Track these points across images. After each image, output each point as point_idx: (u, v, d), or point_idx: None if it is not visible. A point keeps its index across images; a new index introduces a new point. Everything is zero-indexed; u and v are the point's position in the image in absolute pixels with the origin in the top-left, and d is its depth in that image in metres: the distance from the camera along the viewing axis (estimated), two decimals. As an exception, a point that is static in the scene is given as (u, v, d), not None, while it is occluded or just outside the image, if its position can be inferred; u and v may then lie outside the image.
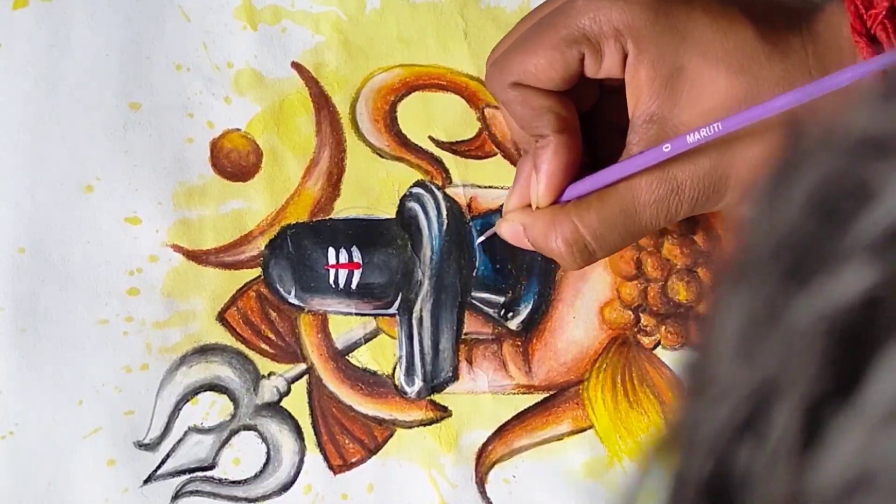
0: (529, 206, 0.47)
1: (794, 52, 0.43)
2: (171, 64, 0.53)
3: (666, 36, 0.42)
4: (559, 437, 0.52)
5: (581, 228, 0.44)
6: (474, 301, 0.52)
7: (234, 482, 0.52)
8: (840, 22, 0.43)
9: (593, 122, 0.48)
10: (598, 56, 0.43)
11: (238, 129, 0.53)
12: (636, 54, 0.43)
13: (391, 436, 0.52)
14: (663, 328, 0.52)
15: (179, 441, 0.52)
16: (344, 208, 0.53)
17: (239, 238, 0.53)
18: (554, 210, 0.45)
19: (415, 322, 0.52)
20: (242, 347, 0.53)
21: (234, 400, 0.53)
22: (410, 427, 0.52)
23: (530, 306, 0.52)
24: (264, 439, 0.52)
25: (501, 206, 0.52)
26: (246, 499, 0.52)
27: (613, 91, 0.46)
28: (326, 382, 0.52)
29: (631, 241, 0.46)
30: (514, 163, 0.52)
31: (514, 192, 0.48)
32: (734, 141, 0.42)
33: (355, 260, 0.52)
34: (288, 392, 0.52)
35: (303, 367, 0.53)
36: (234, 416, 0.53)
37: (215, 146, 0.53)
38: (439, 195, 0.53)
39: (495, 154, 0.53)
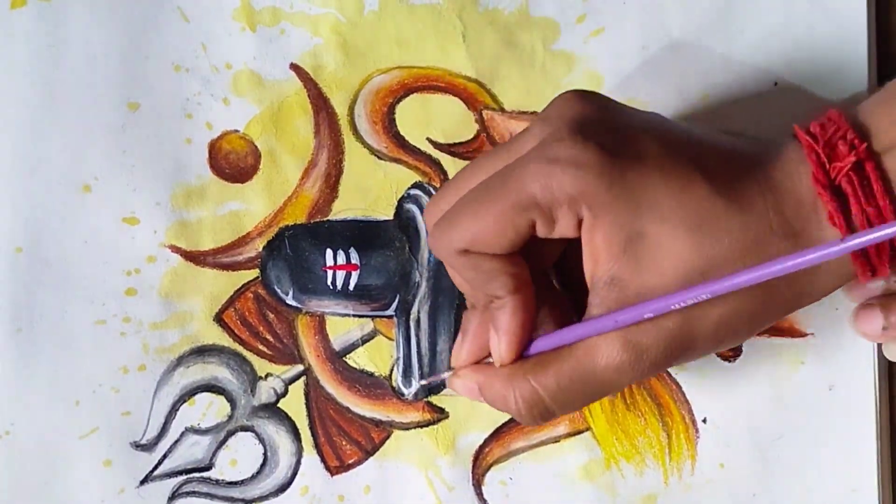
0: (480, 362, 0.45)
1: (753, 204, 0.41)
2: (169, 64, 0.53)
3: (621, 201, 0.40)
4: (556, 440, 0.52)
5: (539, 391, 0.42)
6: (472, 303, 0.52)
7: (230, 483, 0.52)
8: (800, 171, 0.41)
9: (562, 269, 0.46)
10: (551, 222, 0.41)
11: (236, 131, 0.53)
12: (592, 220, 0.41)
13: (388, 437, 0.52)
14: (661, 330, 0.52)
15: (176, 442, 0.52)
16: (342, 210, 0.53)
17: (237, 239, 0.53)
18: (511, 371, 0.43)
19: (412, 324, 0.52)
20: (240, 348, 0.53)
21: (231, 401, 0.53)
22: (408, 429, 0.52)
23: (528, 308, 0.52)
24: (261, 440, 0.52)
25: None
26: (243, 500, 0.52)
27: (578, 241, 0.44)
28: (324, 384, 0.52)
29: (594, 399, 0.43)
30: (512, 165, 0.52)
31: (465, 348, 0.45)
32: (696, 309, 0.40)
33: (353, 261, 0.52)
34: (285, 393, 0.52)
35: (300, 368, 0.53)
36: (231, 417, 0.53)
37: (214, 147, 0.53)
38: (437, 197, 0.53)
39: (493, 156, 0.53)
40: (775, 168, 0.42)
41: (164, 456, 0.52)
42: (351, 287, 0.52)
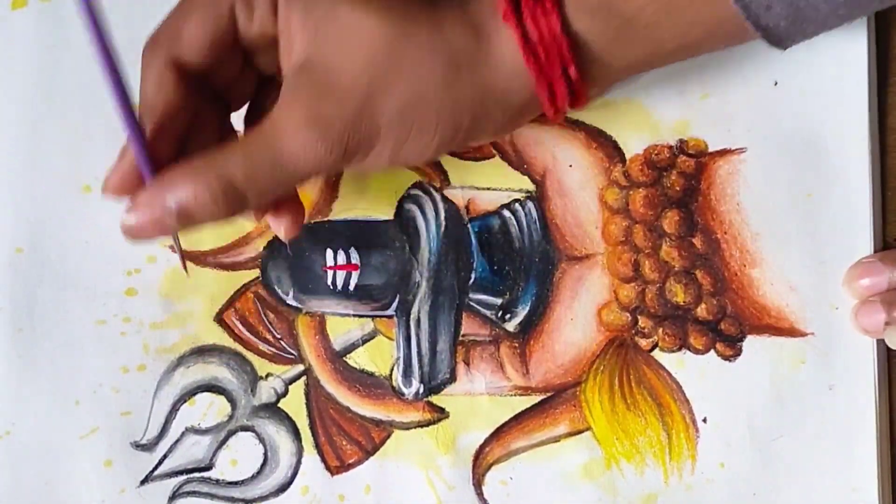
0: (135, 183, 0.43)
1: (439, 1, 0.43)
2: (170, 65, 0.53)
3: None
4: (556, 439, 0.52)
5: (229, 174, 0.41)
6: (472, 303, 0.52)
7: (231, 483, 0.52)
8: None
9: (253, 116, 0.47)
10: (250, 8, 0.43)
11: (237, 131, 0.53)
12: (286, 3, 0.42)
13: (389, 437, 0.52)
14: (661, 330, 0.52)
15: (177, 442, 0.52)
16: (342, 210, 0.53)
17: (237, 239, 0.53)
18: (195, 164, 0.41)
19: (412, 323, 0.52)
20: (240, 348, 0.53)
21: (231, 401, 0.53)
22: (408, 428, 0.52)
23: (528, 308, 0.52)
24: (262, 440, 0.52)
25: (500, 207, 0.52)
26: (243, 499, 0.52)
27: (267, 82, 0.46)
28: (324, 384, 0.52)
29: (289, 184, 0.43)
30: (512, 165, 0.52)
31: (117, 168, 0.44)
32: (382, 85, 0.41)
33: (353, 261, 0.52)
34: (285, 393, 0.52)
35: (300, 368, 0.53)
36: (231, 417, 0.53)
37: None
38: (437, 197, 0.53)
39: (493, 156, 0.53)
40: None
41: (165, 456, 0.52)
42: (351, 287, 0.52)
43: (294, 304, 0.53)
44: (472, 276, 0.52)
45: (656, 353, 0.52)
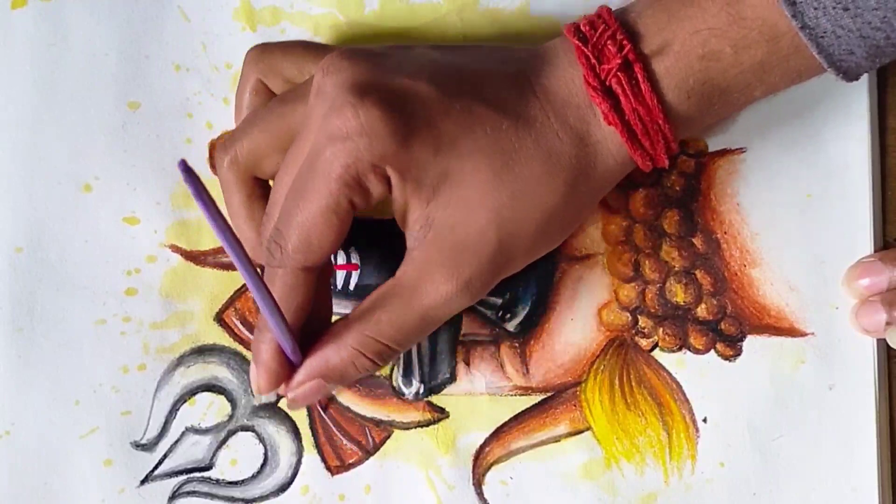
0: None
1: (537, 118, 0.43)
2: (170, 64, 0.53)
3: (418, 152, 0.42)
4: (556, 439, 0.52)
5: (380, 339, 0.44)
6: (472, 303, 0.52)
7: (231, 483, 0.52)
8: (572, 75, 0.44)
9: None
10: (366, 193, 0.43)
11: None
12: (399, 178, 0.42)
13: (389, 437, 0.52)
14: (661, 330, 0.52)
15: (177, 441, 0.52)
16: (342, 209, 0.53)
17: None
18: (340, 339, 0.44)
19: (412, 323, 0.52)
20: (240, 348, 0.53)
21: (231, 401, 0.53)
22: (408, 428, 0.52)
23: (528, 308, 0.52)
24: (262, 440, 0.52)
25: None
26: (243, 499, 0.52)
27: None
28: (324, 383, 0.52)
29: (432, 330, 0.45)
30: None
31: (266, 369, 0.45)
32: (510, 229, 0.43)
33: (353, 261, 0.52)
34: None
35: (300, 367, 0.52)
36: (231, 417, 0.53)
37: (214, 147, 0.53)
38: (437, 197, 0.53)
39: (494, 156, 0.53)
40: (549, 77, 0.44)
41: (165, 455, 0.52)
42: (351, 287, 0.52)
43: (294, 303, 0.53)
44: (473, 275, 0.52)
45: (656, 353, 0.52)
